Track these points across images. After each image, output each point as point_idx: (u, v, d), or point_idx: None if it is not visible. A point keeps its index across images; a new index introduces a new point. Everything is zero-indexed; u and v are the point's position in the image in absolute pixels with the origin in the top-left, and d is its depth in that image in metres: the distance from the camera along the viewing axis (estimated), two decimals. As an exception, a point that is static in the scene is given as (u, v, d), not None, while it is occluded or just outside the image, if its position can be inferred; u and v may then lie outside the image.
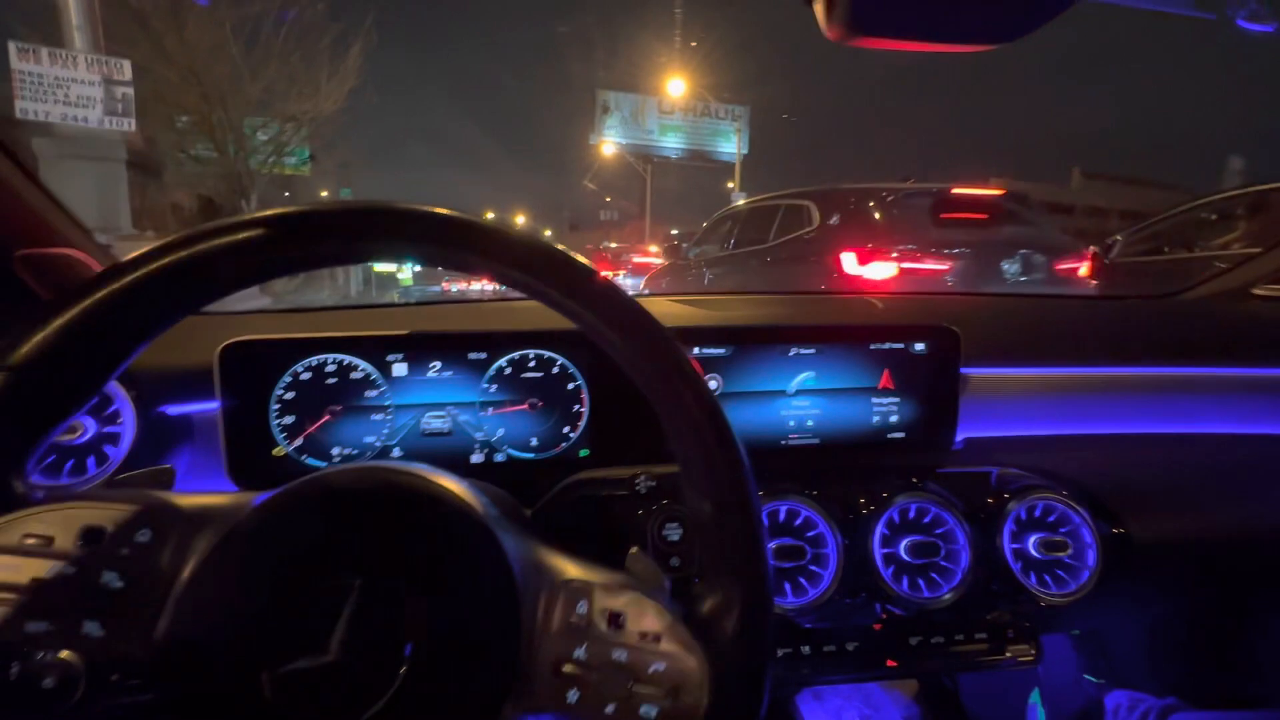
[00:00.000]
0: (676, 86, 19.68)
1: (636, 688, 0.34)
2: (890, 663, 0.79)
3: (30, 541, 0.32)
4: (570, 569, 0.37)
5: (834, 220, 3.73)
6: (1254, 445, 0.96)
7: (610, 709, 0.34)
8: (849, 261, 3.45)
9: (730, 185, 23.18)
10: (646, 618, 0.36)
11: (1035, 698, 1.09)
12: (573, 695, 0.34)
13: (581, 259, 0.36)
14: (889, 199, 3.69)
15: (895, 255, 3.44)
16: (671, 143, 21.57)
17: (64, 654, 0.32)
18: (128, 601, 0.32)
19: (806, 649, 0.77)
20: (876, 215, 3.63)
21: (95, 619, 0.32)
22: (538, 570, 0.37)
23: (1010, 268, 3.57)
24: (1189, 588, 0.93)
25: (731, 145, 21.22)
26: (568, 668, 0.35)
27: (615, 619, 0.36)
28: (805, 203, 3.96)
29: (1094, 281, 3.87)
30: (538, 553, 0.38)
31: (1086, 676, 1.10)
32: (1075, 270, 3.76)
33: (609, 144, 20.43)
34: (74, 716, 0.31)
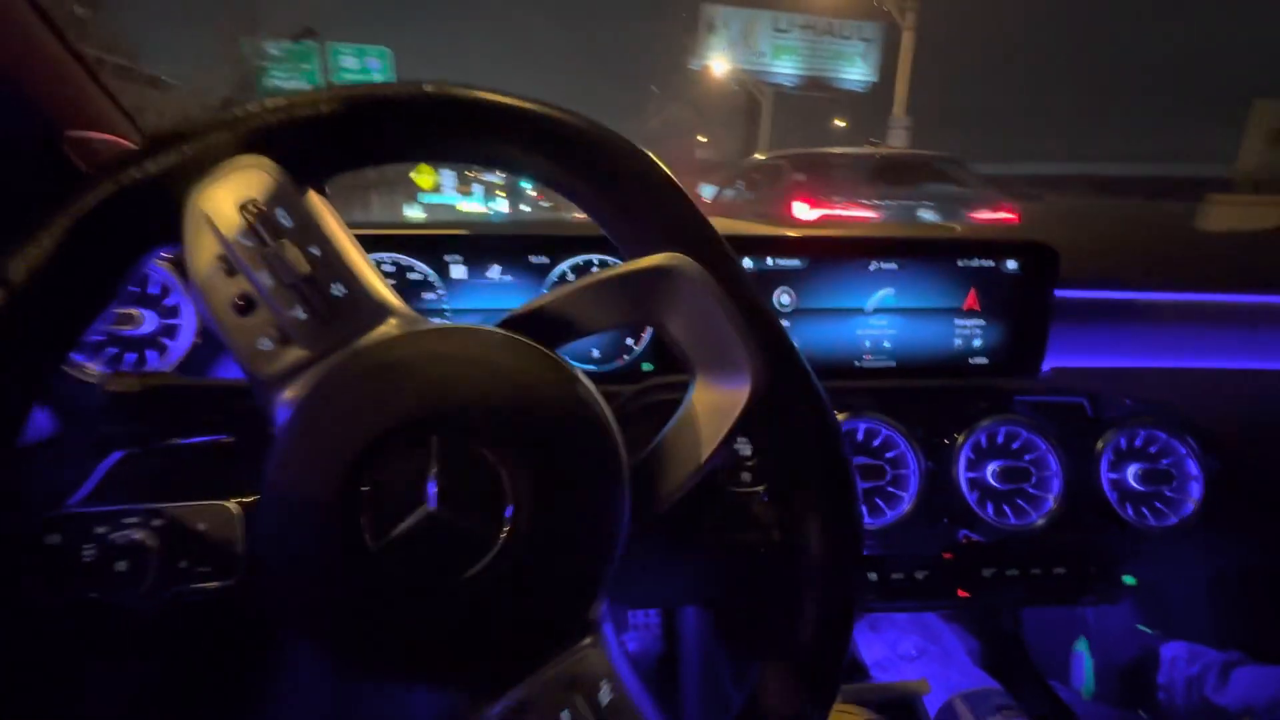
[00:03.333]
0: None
1: None
2: (961, 593, 0.78)
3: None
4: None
5: (800, 176, 5.13)
6: None
7: None
8: (801, 209, 4.89)
9: (839, 122, 21.41)
10: None
11: (1082, 646, 1.07)
12: None
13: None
14: (840, 161, 5.01)
15: (836, 203, 4.83)
16: (785, 67, 18.98)
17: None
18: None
19: (873, 576, 0.77)
20: (828, 173, 4.98)
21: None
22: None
23: (926, 215, 4.79)
24: None
25: (857, 71, 19.58)
26: None
27: None
28: (782, 163, 5.37)
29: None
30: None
31: (1140, 627, 1.07)
32: (989, 220, 4.86)
33: (716, 65, 18.41)
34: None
